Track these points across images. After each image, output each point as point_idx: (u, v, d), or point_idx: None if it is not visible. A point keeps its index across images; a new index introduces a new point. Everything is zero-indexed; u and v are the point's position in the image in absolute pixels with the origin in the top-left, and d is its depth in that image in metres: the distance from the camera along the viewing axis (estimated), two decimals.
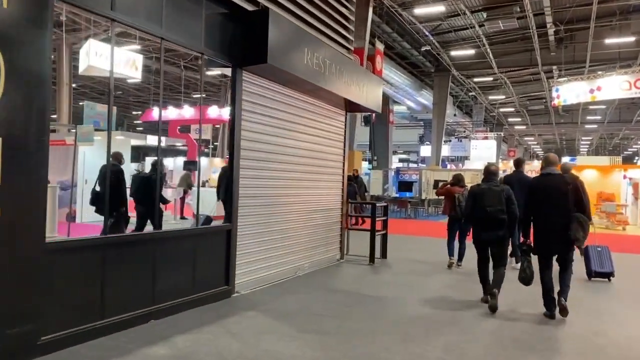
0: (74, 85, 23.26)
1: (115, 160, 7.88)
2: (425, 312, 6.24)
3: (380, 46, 22.57)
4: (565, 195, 5.85)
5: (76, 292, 4.56)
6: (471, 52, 27.06)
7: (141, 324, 5.19)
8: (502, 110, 41.37)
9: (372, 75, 10.04)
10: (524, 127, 47.55)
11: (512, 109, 40.76)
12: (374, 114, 35.31)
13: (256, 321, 5.64)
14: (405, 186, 28.04)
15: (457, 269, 9.21)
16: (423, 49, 27.15)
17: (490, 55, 26.51)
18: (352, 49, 9.52)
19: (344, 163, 9.63)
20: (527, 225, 6.15)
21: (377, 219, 9.61)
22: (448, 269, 9.17)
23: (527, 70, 30.39)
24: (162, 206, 8.19)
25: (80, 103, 24.04)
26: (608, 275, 8.46)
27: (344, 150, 9.60)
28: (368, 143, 35.69)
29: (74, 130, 11.53)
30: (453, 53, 27.84)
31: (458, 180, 9.36)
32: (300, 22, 7.63)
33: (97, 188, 7.91)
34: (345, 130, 9.60)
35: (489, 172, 6.70)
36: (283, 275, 7.76)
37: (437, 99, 32.60)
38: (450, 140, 39.68)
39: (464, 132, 42.22)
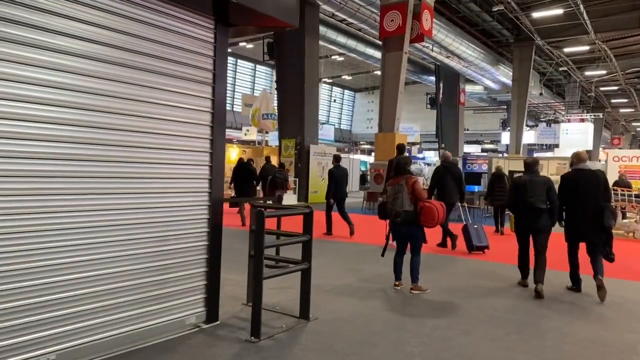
0: None
1: None
2: None
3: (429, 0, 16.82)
4: (597, 188, 6.00)
5: None
6: (559, 12, 20.17)
7: None
8: (602, 89, 32.72)
9: None
10: (631, 109, 38.16)
11: (615, 88, 32.08)
12: (440, 93, 29.05)
13: None
14: (472, 178, 21.59)
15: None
16: (495, 9, 20.71)
17: (585, 16, 19.49)
18: None
19: (212, 128, 4.43)
20: (560, 215, 6.25)
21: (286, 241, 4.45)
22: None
23: (635, 37, 22.81)
24: None
25: None
26: (484, 248, 8.64)
27: (212, 105, 4.43)
28: (435, 129, 29.49)
29: None
30: (535, 15, 21.07)
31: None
32: None
33: None
34: (214, 63, 4.42)
35: (527, 164, 6.44)
36: None
37: (517, 75, 25.80)
38: (537, 125, 32.16)
39: (553, 114, 33.84)
